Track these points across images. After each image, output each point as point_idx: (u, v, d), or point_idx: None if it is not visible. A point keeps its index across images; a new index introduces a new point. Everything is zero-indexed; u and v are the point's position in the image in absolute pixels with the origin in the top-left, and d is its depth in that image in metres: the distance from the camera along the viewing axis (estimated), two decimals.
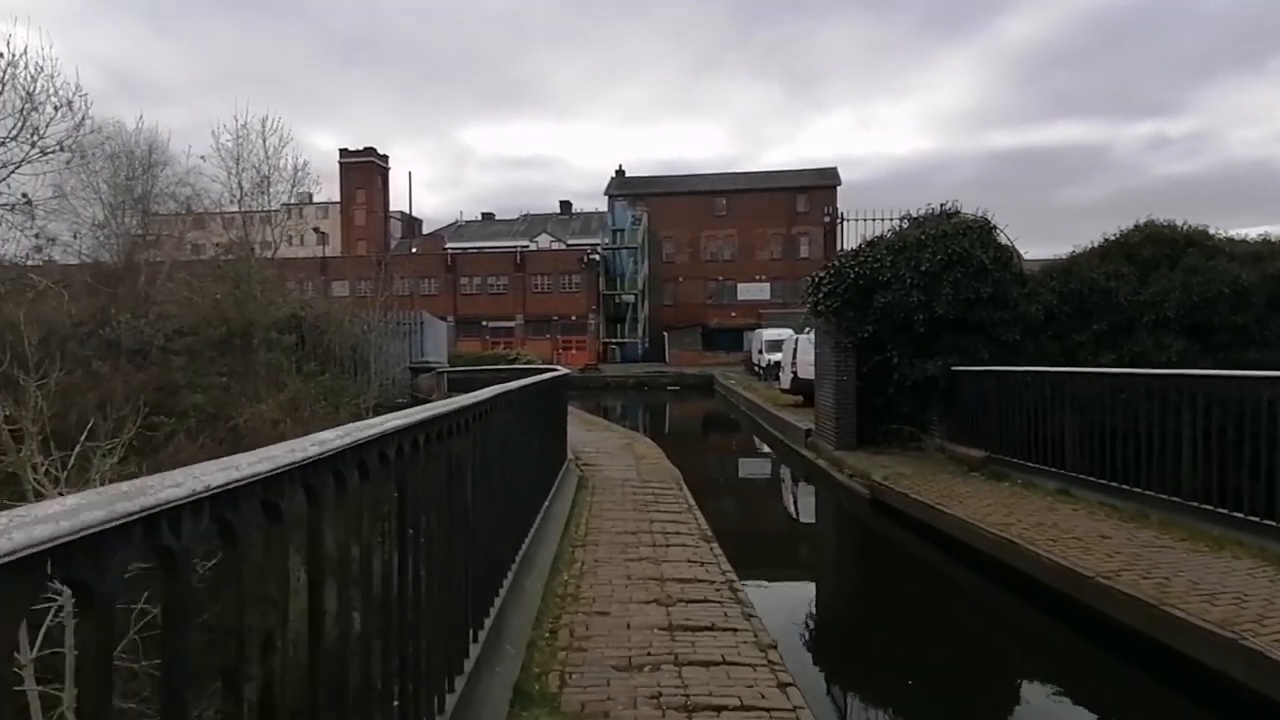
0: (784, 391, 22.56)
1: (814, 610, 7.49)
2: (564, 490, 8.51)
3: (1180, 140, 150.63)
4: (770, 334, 38.52)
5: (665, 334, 56.53)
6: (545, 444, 7.58)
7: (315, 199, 68.02)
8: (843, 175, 62.41)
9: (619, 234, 59.50)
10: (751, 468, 17.33)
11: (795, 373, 20.87)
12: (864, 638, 6.67)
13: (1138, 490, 7.84)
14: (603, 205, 64.84)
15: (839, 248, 13.09)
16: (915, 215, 12.82)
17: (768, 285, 60.63)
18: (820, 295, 12.81)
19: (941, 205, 12.74)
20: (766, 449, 18.24)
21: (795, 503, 13.29)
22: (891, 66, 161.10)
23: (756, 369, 38.19)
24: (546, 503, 7.11)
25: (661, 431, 24.79)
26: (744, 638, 4.54)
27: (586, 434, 15.41)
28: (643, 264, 58.32)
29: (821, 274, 12.85)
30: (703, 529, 7.26)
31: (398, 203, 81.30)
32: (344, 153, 75.31)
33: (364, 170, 75.19)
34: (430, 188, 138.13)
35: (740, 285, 60.94)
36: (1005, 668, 6.24)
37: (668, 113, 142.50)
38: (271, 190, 18.20)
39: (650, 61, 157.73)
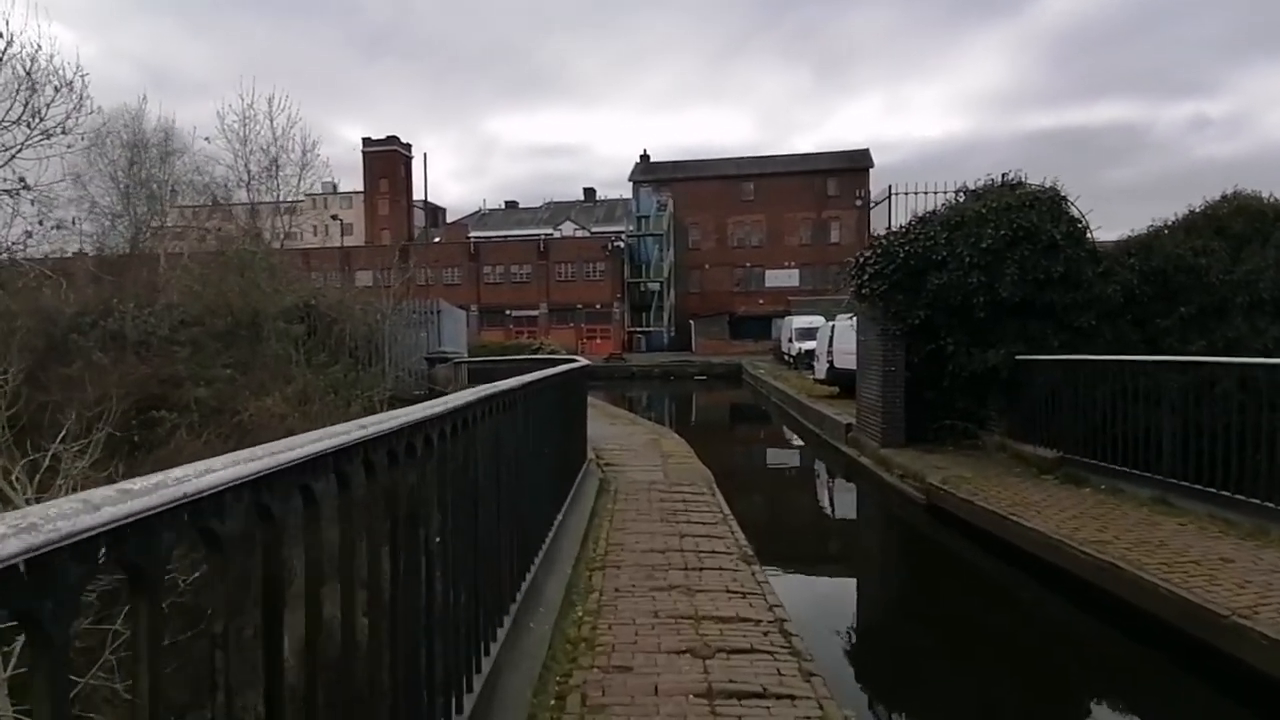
0: (818, 382, 21.35)
1: (881, 653, 6.30)
2: (582, 497, 7.52)
3: (1221, 121, 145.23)
4: (801, 321, 37.27)
5: (691, 322, 55.29)
6: (560, 447, 6.59)
7: (340, 189, 67.90)
8: (873, 159, 60.49)
9: (644, 220, 58.26)
10: (788, 466, 16.12)
11: (831, 362, 19.65)
12: (952, 696, 5.49)
13: (1254, 501, 6.64)
14: (627, 192, 63.59)
15: (886, 227, 11.89)
16: (973, 188, 11.55)
17: (796, 272, 59.08)
18: (865, 277, 11.63)
19: (1004, 175, 11.46)
20: (802, 444, 17.09)
21: (841, 509, 11.90)
22: (923, 46, 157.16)
23: (786, 358, 36.95)
24: (560, 516, 6.12)
25: (689, 425, 23.72)
26: (806, 710, 3.49)
27: (610, 428, 14.41)
28: (668, 251, 57.09)
29: (867, 253, 11.66)
30: (742, 546, 6.21)
31: (422, 192, 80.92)
32: (367, 142, 74.93)
33: (387, 159, 74.75)
34: (457, 178, 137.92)
35: (768, 272, 59.42)
36: None
37: (693, 99, 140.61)
38: (281, 174, 17.40)
39: (676, 46, 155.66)
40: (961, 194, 11.63)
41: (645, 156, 64.78)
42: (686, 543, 6.27)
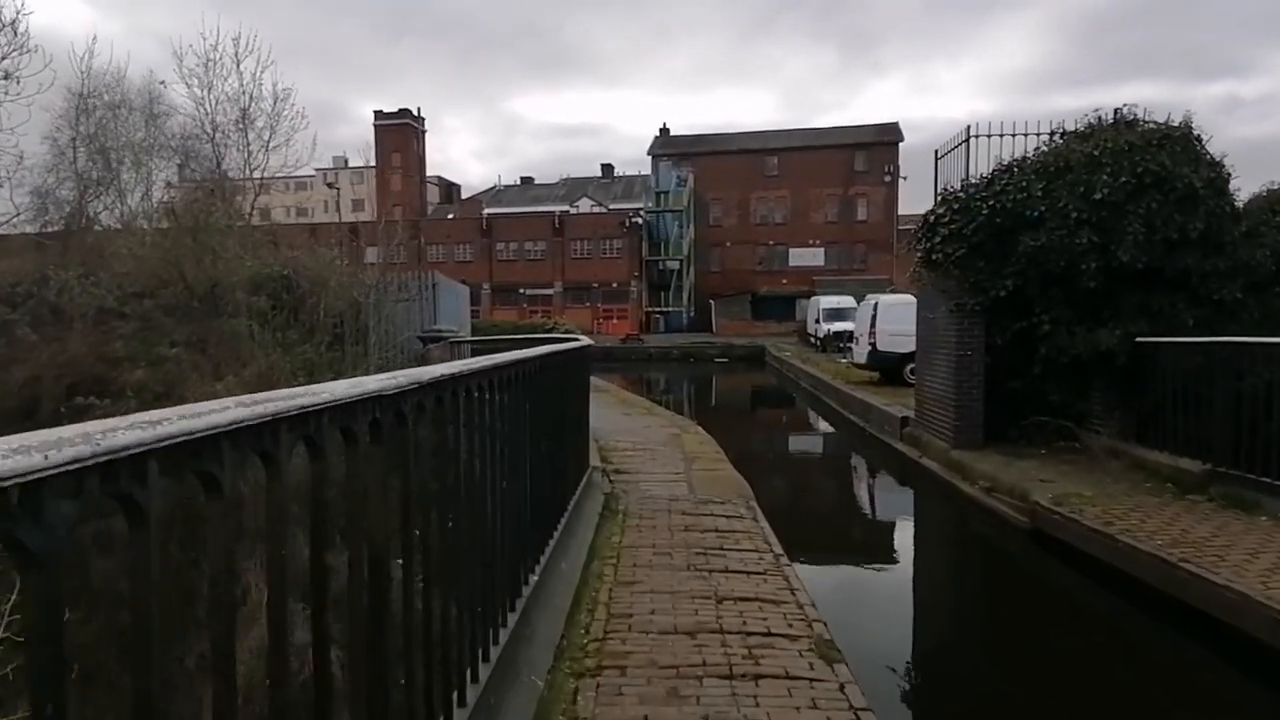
0: (856, 366, 19.10)
1: None
2: (577, 527, 5.46)
3: (1254, 102, 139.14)
4: (829, 301, 35.01)
5: (712, 302, 52.88)
6: (546, 465, 4.53)
7: (356, 165, 65.87)
8: (903, 133, 57.44)
9: (663, 196, 55.78)
10: (836, 473, 13.32)
11: (874, 344, 17.40)
12: None
13: None
14: (647, 169, 60.97)
15: (964, 177, 9.60)
16: (1076, 128, 9.25)
17: (822, 250, 56.40)
18: (936, 240, 9.40)
19: (1116, 111, 9.15)
20: (844, 440, 14.88)
21: (919, 539, 8.57)
22: (952, 24, 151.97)
23: (813, 340, 34.71)
24: (539, 569, 4.08)
25: (713, 414, 21.55)
26: None
27: (624, 420, 12.37)
28: (688, 228, 54.64)
29: (940, 210, 9.42)
30: (812, 623, 4.11)
31: (435, 167, 78.86)
32: (378, 114, 72.85)
33: (399, 132, 72.61)
34: (479, 157, 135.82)
35: (792, 250, 56.75)
36: None
37: (717, 78, 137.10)
38: (254, 128, 15.33)
39: (702, 23, 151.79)
40: (1058, 135, 9.33)
41: (665, 130, 62.11)
42: (728, 615, 4.19)
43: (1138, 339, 8.22)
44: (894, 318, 17.21)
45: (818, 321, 34.27)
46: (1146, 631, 5.60)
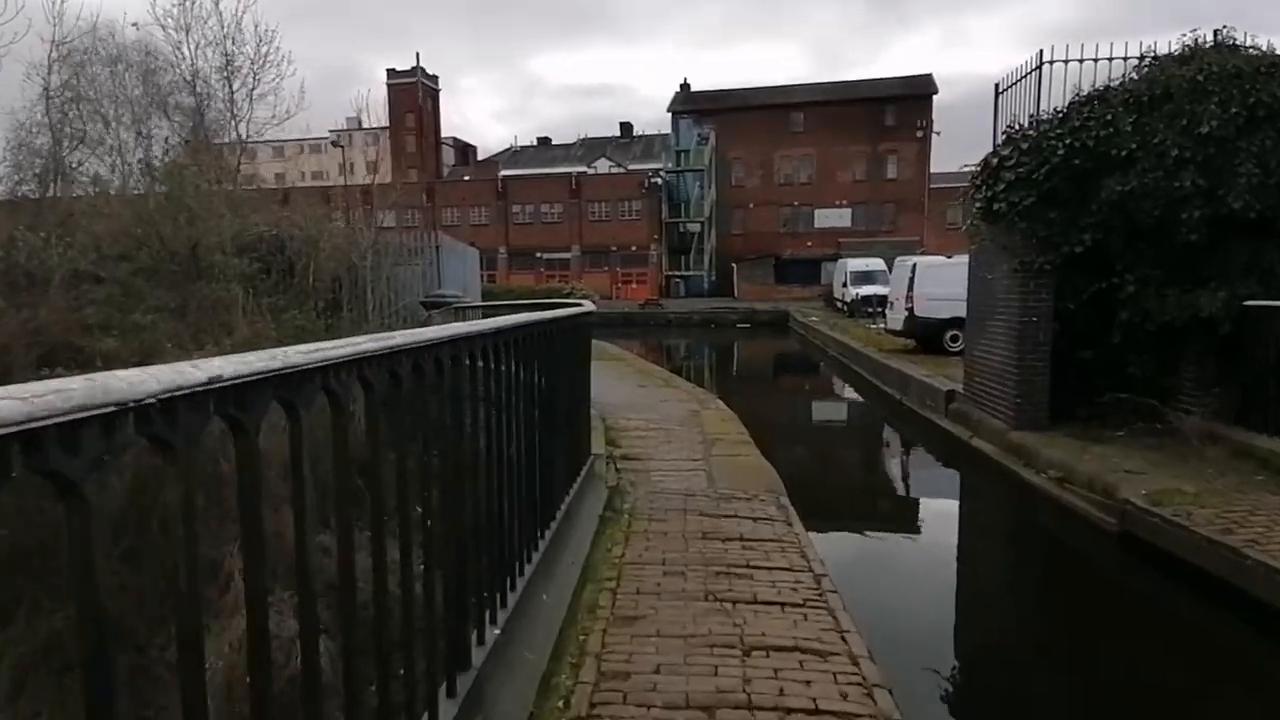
0: (890, 333, 17.77)
1: None
2: (570, 538, 4.38)
3: None
4: (857, 264, 33.50)
5: (734, 266, 51.26)
6: (524, 467, 3.44)
7: (365, 126, 64.50)
8: (937, 85, 54.72)
9: (683, 155, 53.88)
10: (871, 457, 11.59)
11: (911, 309, 16.05)
12: None
13: None
14: (667, 128, 58.87)
15: (1032, 113, 8.20)
16: (1169, 52, 7.79)
17: (848, 211, 54.35)
18: (998, 188, 8.06)
19: (1215, 32, 7.68)
20: (878, 416, 13.66)
21: (980, 545, 7.03)
22: None
23: (839, 304, 33.27)
24: (500, 623, 2.99)
25: (735, 385, 20.41)
26: None
27: (638, 393, 11.27)
28: (709, 189, 52.83)
29: (1005, 152, 8.05)
30: (873, 691, 3.01)
31: (455, 132, 77.24)
32: (391, 73, 71.15)
33: (412, 92, 70.93)
34: (499, 119, 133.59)
35: (818, 211, 54.69)
36: None
37: (741, 34, 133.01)
38: (239, 74, 14.18)
39: None
40: (1148, 61, 7.87)
41: (686, 85, 59.71)
42: (758, 677, 3.09)
43: (1245, 302, 6.90)
44: (934, 280, 15.86)
45: (845, 285, 32.80)
46: None
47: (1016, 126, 8.24)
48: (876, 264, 33.05)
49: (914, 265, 16.44)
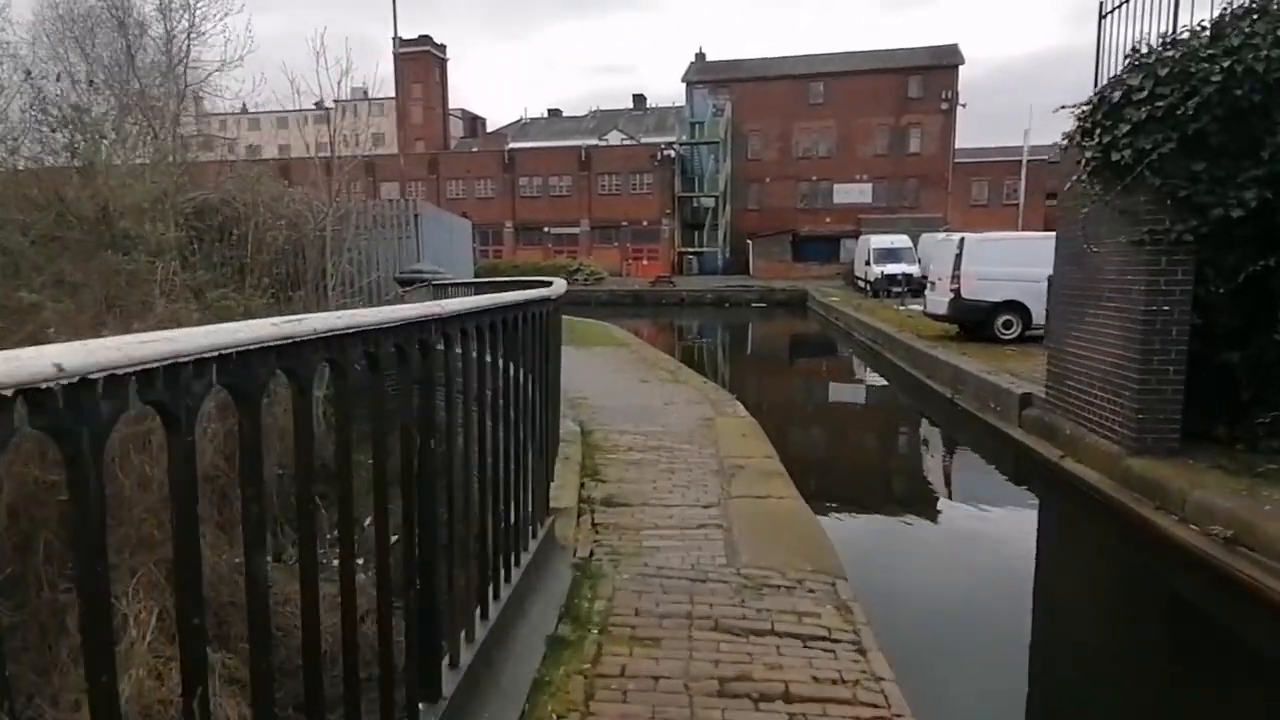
0: (930, 317, 15.65)
1: None
2: (488, 698, 2.44)
3: None
4: (881, 241, 31.34)
5: (749, 243, 48.85)
6: (416, 573, 1.50)
7: (371, 95, 62.29)
8: (963, 55, 51.78)
9: (698, 127, 51.32)
10: (931, 487, 8.44)
11: (957, 289, 13.93)
12: None
13: None
14: (681, 100, 56.22)
15: (1140, 39, 6.06)
16: None
17: (869, 186, 51.69)
18: (1121, 130, 5.95)
19: None
20: (927, 421, 11.52)
21: (1116, 646, 4.66)
22: None
23: (861, 283, 31.12)
24: None
25: (753, 378, 18.29)
26: None
27: (638, 391, 9.31)
28: (724, 162, 50.32)
29: (1134, 82, 5.91)
30: None
31: (459, 100, 74.80)
32: (398, 42, 68.65)
33: (420, 62, 68.50)
34: (510, 92, 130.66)
35: (837, 186, 52.06)
36: None
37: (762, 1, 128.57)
38: (205, 36, 12.12)
39: None
40: None
41: (701, 55, 56.99)
42: None
43: None
44: (984, 258, 13.77)
45: (868, 264, 30.64)
46: None
47: (1146, 48, 6.10)
48: (902, 241, 30.79)
49: (961, 240, 14.28)
